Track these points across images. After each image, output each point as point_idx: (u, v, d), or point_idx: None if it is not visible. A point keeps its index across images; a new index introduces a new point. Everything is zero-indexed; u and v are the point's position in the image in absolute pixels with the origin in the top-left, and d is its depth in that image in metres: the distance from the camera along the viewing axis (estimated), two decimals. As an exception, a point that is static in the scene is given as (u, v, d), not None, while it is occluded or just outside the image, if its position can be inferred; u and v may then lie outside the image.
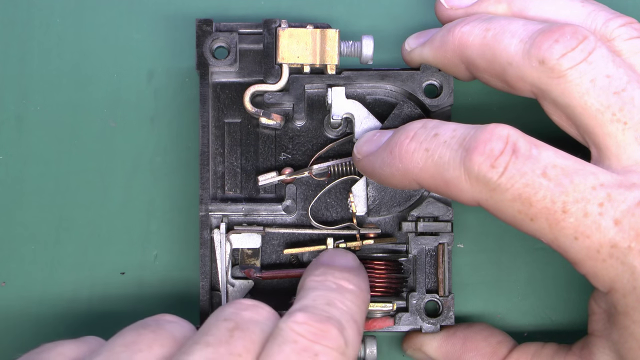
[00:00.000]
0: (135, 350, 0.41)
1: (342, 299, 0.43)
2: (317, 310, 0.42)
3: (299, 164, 0.51)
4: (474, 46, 0.46)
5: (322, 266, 0.46)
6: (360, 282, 0.45)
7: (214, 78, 0.51)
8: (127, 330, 0.42)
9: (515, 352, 0.49)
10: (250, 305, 0.43)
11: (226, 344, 0.40)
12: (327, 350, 0.40)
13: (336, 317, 0.42)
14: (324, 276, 0.45)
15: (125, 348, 0.41)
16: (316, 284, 0.44)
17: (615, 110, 0.43)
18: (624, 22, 0.46)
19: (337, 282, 0.44)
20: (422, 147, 0.44)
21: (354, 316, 0.43)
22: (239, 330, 0.41)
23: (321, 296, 0.43)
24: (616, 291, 0.42)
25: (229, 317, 0.42)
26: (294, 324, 0.41)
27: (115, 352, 0.41)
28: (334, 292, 0.44)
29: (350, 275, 0.45)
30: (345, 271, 0.46)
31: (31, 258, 0.53)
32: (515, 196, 0.42)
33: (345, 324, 0.42)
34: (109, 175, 0.53)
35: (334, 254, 0.48)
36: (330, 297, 0.43)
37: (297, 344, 0.40)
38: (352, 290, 0.44)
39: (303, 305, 0.42)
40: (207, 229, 0.49)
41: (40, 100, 0.53)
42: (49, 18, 0.54)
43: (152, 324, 0.42)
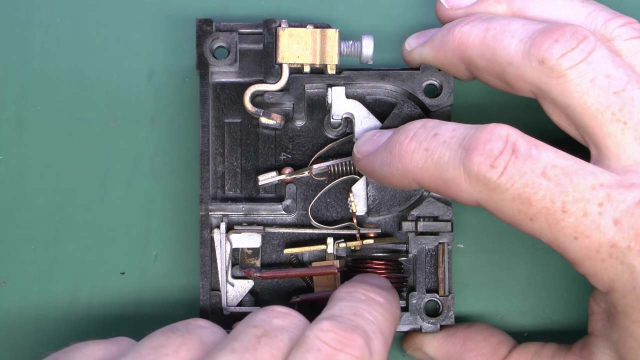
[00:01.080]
0: (162, 353, 0.41)
1: (370, 310, 0.43)
2: (344, 319, 0.42)
3: (299, 163, 0.51)
4: (474, 46, 0.46)
5: (354, 281, 0.46)
6: (390, 297, 0.45)
7: (214, 78, 0.51)
8: (156, 333, 0.42)
9: (516, 352, 0.49)
10: (282, 313, 0.43)
11: (252, 350, 0.40)
12: (351, 358, 0.40)
13: (362, 327, 0.42)
14: (353, 288, 0.45)
15: (152, 350, 0.41)
16: (345, 295, 0.44)
17: (615, 110, 0.43)
18: (624, 22, 0.46)
19: (366, 294, 0.44)
20: (422, 146, 0.44)
21: (382, 328, 0.43)
22: (266, 337, 0.41)
23: (349, 306, 0.43)
24: (616, 291, 0.42)
25: (258, 324, 0.42)
26: (319, 332, 0.41)
27: (142, 354, 0.41)
28: (363, 303, 0.44)
29: (379, 289, 0.45)
30: (375, 286, 0.46)
31: (31, 258, 0.53)
32: (514, 196, 0.42)
33: (372, 334, 0.42)
34: (109, 175, 0.53)
35: (366, 275, 0.48)
36: (358, 308, 0.43)
37: (321, 352, 0.40)
38: (381, 302, 0.44)
39: (330, 314, 0.42)
40: (207, 229, 0.49)
41: (40, 100, 0.53)
42: (49, 18, 0.54)
43: (182, 328, 0.42)
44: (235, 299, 0.50)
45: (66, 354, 0.42)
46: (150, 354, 0.41)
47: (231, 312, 0.49)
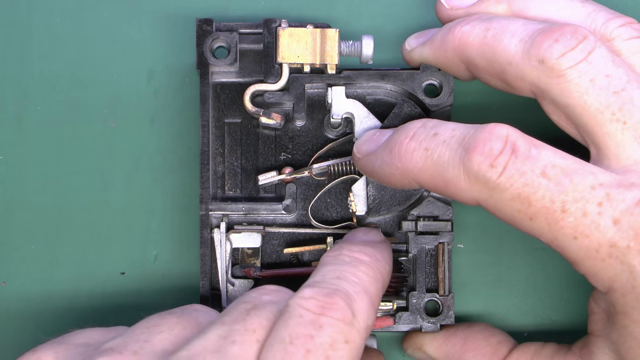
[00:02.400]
0: (156, 331, 0.41)
1: (353, 271, 0.43)
2: (325, 284, 0.42)
3: (299, 163, 0.51)
4: (474, 46, 0.46)
5: (342, 241, 0.46)
6: (376, 253, 0.45)
7: (214, 78, 0.51)
8: (152, 316, 0.43)
9: (516, 352, 0.49)
10: (272, 290, 0.43)
11: (242, 321, 0.40)
12: (332, 321, 0.40)
13: (344, 289, 0.42)
14: (339, 251, 0.45)
15: (146, 329, 0.42)
16: (330, 259, 0.44)
17: (615, 110, 0.43)
18: (624, 22, 0.46)
19: (351, 255, 0.44)
20: (422, 146, 0.44)
21: (366, 287, 0.43)
22: (255, 309, 0.41)
23: (332, 270, 0.43)
24: (615, 290, 0.42)
25: (248, 300, 0.42)
26: (300, 300, 0.41)
27: (136, 332, 0.42)
28: (347, 265, 0.44)
29: (366, 247, 0.45)
30: (362, 244, 0.46)
31: (31, 258, 0.53)
32: (514, 195, 0.42)
33: (355, 295, 0.42)
34: (109, 175, 0.53)
35: (357, 230, 0.49)
36: (341, 270, 0.43)
37: (302, 317, 0.40)
38: (366, 261, 0.44)
39: (312, 281, 0.43)
40: (207, 228, 0.49)
41: (40, 100, 0.53)
42: (49, 18, 0.54)
43: (177, 311, 0.43)
44: (236, 299, 0.50)
45: (64, 337, 0.43)
46: (144, 332, 0.41)
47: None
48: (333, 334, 0.40)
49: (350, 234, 0.48)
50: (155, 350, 0.41)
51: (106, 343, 0.41)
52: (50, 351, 0.42)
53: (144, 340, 0.41)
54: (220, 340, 0.40)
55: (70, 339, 0.43)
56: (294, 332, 0.40)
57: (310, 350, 0.39)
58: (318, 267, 0.44)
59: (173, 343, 0.41)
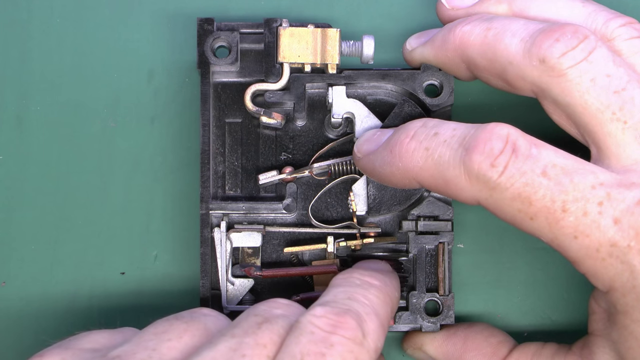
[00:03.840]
0: (165, 339, 0.41)
1: (364, 293, 0.43)
2: (337, 304, 0.42)
3: (299, 163, 0.51)
4: (474, 45, 0.46)
5: (353, 267, 0.47)
6: (387, 280, 0.45)
7: (215, 78, 0.51)
8: (160, 321, 0.43)
9: (516, 352, 0.49)
10: (283, 304, 0.43)
11: (253, 335, 0.40)
12: (343, 340, 0.40)
13: (355, 309, 0.42)
14: (349, 274, 0.45)
15: (155, 336, 0.41)
16: (341, 281, 0.45)
17: (615, 110, 0.43)
18: (624, 22, 0.46)
19: (361, 279, 0.45)
20: (422, 146, 0.44)
21: (376, 309, 0.43)
22: (267, 323, 0.41)
23: (343, 292, 0.43)
24: (616, 290, 0.42)
25: (259, 313, 0.42)
26: (312, 317, 0.41)
27: (144, 339, 0.41)
28: (357, 287, 0.44)
29: (377, 273, 0.45)
30: (372, 270, 0.46)
31: (31, 258, 0.53)
32: (515, 195, 0.42)
33: (365, 316, 0.42)
34: (109, 175, 0.53)
35: (367, 260, 0.49)
36: (352, 292, 0.43)
37: (314, 335, 0.40)
38: (376, 285, 0.44)
39: (324, 300, 0.43)
40: (207, 228, 0.49)
41: (40, 100, 0.53)
42: (49, 18, 0.54)
43: (186, 315, 0.43)
44: (236, 298, 0.50)
45: (71, 341, 0.43)
46: (152, 339, 0.41)
47: (231, 311, 0.49)
48: (344, 353, 0.40)
49: (360, 263, 0.48)
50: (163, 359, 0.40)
51: (114, 350, 0.41)
52: (57, 357, 0.41)
53: (152, 349, 0.41)
54: (230, 352, 0.40)
55: (77, 343, 0.42)
56: (305, 349, 0.40)
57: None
58: (329, 289, 0.44)
59: (182, 352, 0.41)
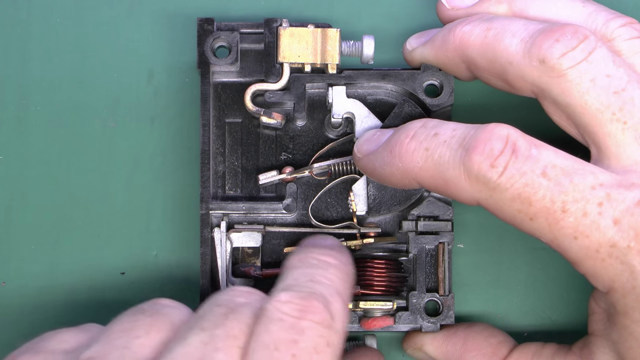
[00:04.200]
0: (133, 336, 0.41)
1: (324, 274, 0.43)
2: (300, 287, 0.42)
3: (299, 164, 0.51)
4: (474, 46, 0.46)
5: (304, 247, 0.46)
6: (342, 257, 0.45)
7: (215, 78, 0.51)
8: (124, 316, 0.42)
9: (516, 352, 0.49)
10: (244, 291, 0.43)
11: (222, 326, 0.40)
12: (313, 325, 0.40)
13: (319, 292, 0.42)
14: (305, 254, 0.45)
15: (123, 334, 0.41)
16: (298, 262, 0.45)
17: (615, 110, 0.43)
18: (624, 22, 0.46)
19: (318, 258, 0.45)
20: (422, 146, 0.44)
21: (338, 289, 0.43)
22: (232, 313, 0.41)
23: (303, 274, 0.43)
24: (615, 291, 0.42)
25: (222, 303, 0.42)
26: (278, 304, 0.41)
27: (112, 338, 0.41)
28: (316, 268, 0.44)
29: (331, 251, 0.45)
30: (326, 248, 0.46)
31: (31, 258, 0.53)
32: (514, 196, 0.42)
33: (330, 297, 0.42)
34: (109, 175, 0.53)
35: (314, 237, 0.48)
36: (312, 274, 0.43)
37: (283, 322, 0.40)
38: (334, 264, 0.44)
39: (286, 284, 0.43)
40: (207, 228, 0.49)
41: (40, 100, 0.53)
42: (49, 18, 0.54)
43: (148, 309, 0.43)
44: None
45: (38, 343, 0.43)
46: (121, 337, 0.41)
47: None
48: (315, 338, 0.40)
49: (309, 240, 0.48)
50: (137, 358, 0.40)
51: (85, 352, 0.41)
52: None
53: (124, 347, 0.40)
54: (202, 346, 0.40)
55: (46, 345, 0.42)
56: (276, 338, 0.40)
57: (296, 355, 0.40)
58: (287, 271, 0.44)
59: (152, 348, 0.41)
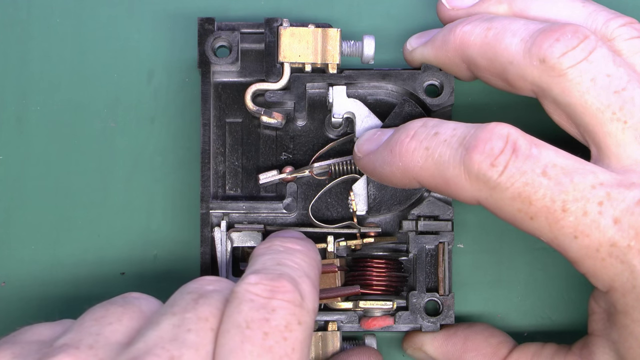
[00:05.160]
0: (105, 323, 0.41)
1: (291, 258, 0.44)
2: (269, 270, 0.42)
3: (299, 163, 0.51)
4: (475, 45, 0.46)
5: (269, 237, 0.47)
6: (307, 244, 0.46)
7: (216, 77, 0.51)
8: (95, 307, 0.43)
9: (516, 352, 0.49)
10: (212, 280, 0.43)
11: (192, 310, 0.41)
12: (284, 304, 0.41)
13: (288, 273, 0.42)
14: (270, 243, 0.46)
15: (95, 322, 0.41)
16: (264, 250, 0.45)
17: (616, 109, 0.43)
18: (624, 22, 0.46)
19: (284, 245, 0.45)
20: (423, 145, 0.44)
21: (306, 271, 0.43)
22: (202, 298, 0.41)
23: (270, 259, 0.44)
24: (616, 290, 0.42)
25: (192, 290, 0.42)
26: (247, 285, 0.41)
27: (85, 326, 0.41)
28: (283, 253, 0.44)
29: (296, 239, 0.46)
30: (291, 236, 0.46)
31: (31, 258, 0.53)
32: (515, 195, 0.42)
33: (298, 279, 0.42)
34: (109, 175, 0.53)
35: (280, 231, 0.49)
36: (279, 258, 0.44)
37: (254, 302, 0.41)
38: (299, 249, 0.45)
39: (254, 269, 0.43)
40: (207, 227, 0.49)
41: (40, 100, 0.53)
42: (49, 18, 0.54)
43: (119, 300, 0.43)
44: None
45: (15, 336, 0.43)
46: (94, 325, 0.41)
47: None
48: (286, 316, 0.41)
49: (274, 234, 0.48)
50: (110, 343, 0.40)
51: (59, 339, 0.41)
52: (7, 352, 0.41)
53: (96, 334, 0.41)
54: (174, 329, 0.40)
55: (22, 337, 0.42)
56: (248, 317, 0.40)
57: (268, 333, 0.40)
58: (253, 258, 0.45)
59: (125, 334, 0.41)
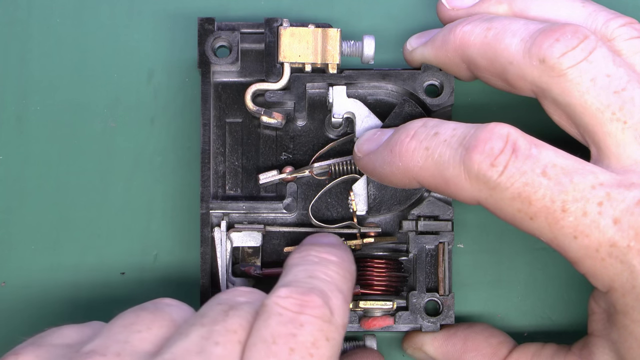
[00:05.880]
0: (134, 330, 0.41)
1: (324, 270, 0.44)
2: (300, 283, 0.42)
3: (299, 164, 0.51)
4: (475, 45, 0.46)
5: (305, 244, 0.47)
6: (343, 254, 0.45)
7: (216, 77, 0.51)
8: (126, 313, 0.43)
9: (516, 352, 0.49)
10: (245, 291, 0.43)
11: (222, 322, 0.40)
12: (312, 319, 0.40)
13: (319, 288, 0.42)
14: (306, 252, 0.45)
15: (124, 329, 0.41)
16: (299, 259, 0.45)
17: (615, 110, 0.43)
18: (624, 22, 0.46)
19: (319, 256, 0.45)
20: (422, 145, 0.44)
21: (339, 285, 0.43)
22: (233, 310, 0.41)
23: (303, 270, 0.43)
24: (615, 290, 0.42)
25: (223, 301, 0.42)
26: (277, 299, 0.41)
27: (113, 332, 0.41)
28: (316, 265, 0.44)
29: (332, 248, 0.46)
30: (327, 246, 0.46)
31: (31, 258, 0.53)
32: (514, 195, 0.42)
33: (330, 293, 0.42)
34: (109, 175, 0.53)
35: (315, 235, 0.48)
36: (312, 270, 0.43)
37: (282, 316, 0.40)
38: (334, 261, 0.44)
39: (286, 281, 0.43)
40: (207, 227, 0.49)
41: (40, 100, 0.53)
42: (49, 18, 0.54)
43: (150, 306, 0.43)
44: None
45: (42, 337, 0.43)
46: (122, 332, 0.41)
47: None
48: (314, 332, 0.40)
49: (311, 238, 0.48)
50: (137, 352, 0.40)
51: (86, 345, 0.41)
52: (32, 354, 0.41)
53: (124, 341, 0.41)
54: (202, 341, 0.40)
55: (49, 339, 0.42)
56: (275, 332, 0.40)
57: (294, 349, 0.40)
58: (287, 268, 0.44)
59: (153, 343, 0.41)
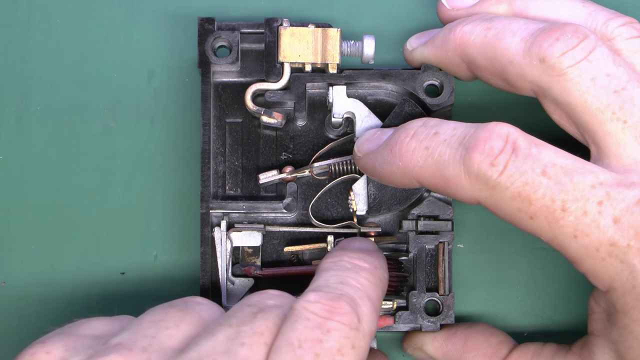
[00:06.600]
0: (163, 327, 0.41)
1: (356, 277, 0.43)
2: (330, 288, 0.42)
3: (299, 164, 0.51)
4: (475, 45, 0.46)
5: (339, 249, 0.46)
6: (375, 261, 0.45)
7: (216, 77, 0.51)
8: (156, 309, 0.43)
9: (516, 352, 0.49)
10: (275, 294, 0.43)
11: (249, 324, 0.40)
12: (339, 325, 0.40)
13: (349, 294, 0.42)
14: (339, 257, 0.45)
15: (152, 324, 0.41)
16: (331, 264, 0.45)
17: (615, 109, 0.43)
18: (624, 22, 0.46)
19: (351, 262, 0.45)
20: (422, 145, 0.44)
21: (369, 293, 0.43)
22: (261, 312, 0.41)
23: (334, 276, 0.43)
24: (615, 290, 0.42)
25: (252, 303, 0.42)
26: (306, 303, 0.41)
27: (142, 327, 0.41)
28: (348, 271, 0.44)
29: (365, 254, 0.45)
30: (360, 252, 0.46)
31: (31, 258, 0.53)
32: (514, 194, 0.42)
33: (359, 300, 0.42)
34: (109, 175, 0.53)
35: (351, 239, 0.48)
36: (343, 276, 0.43)
37: (310, 321, 0.40)
38: (366, 268, 0.44)
39: (316, 285, 0.43)
40: (207, 227, 0.49)
41: (40, 100, 0.53)
42: (49, 18, 0.54)
43: (180, 304, 0.43)
44: (236, 297, 0.50)
45: (70, 328, 0.43)
46: (151, 327, 0.41)
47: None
48: (340, 339, 0.40)
49: (345, 242, 0.48)
50: (163, 348, 0.40)
51: (114, 338, 0.41)
52: (60, 343, 0.41)
53: (152, 337, 0.41)
54: (228, 341, 0.40)
55: (77, 329, 0.43)
56: (302, 336, 0.40)
57: (319, 354, 0.39)
58: (319, 273, 0.44)
59: (180, 341, 0.41)
